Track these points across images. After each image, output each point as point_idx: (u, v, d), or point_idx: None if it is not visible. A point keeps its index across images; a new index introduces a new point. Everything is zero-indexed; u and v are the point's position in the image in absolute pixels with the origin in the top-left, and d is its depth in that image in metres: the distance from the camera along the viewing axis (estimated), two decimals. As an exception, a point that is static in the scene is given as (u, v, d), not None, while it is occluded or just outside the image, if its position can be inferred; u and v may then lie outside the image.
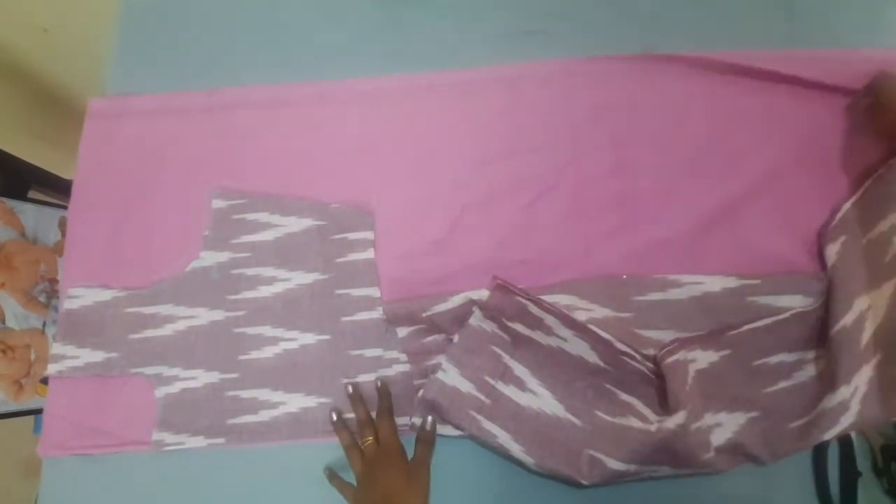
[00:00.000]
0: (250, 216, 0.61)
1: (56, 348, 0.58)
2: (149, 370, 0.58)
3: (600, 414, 0.53)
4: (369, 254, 0.59)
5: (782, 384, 0.53)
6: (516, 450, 0.52)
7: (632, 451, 0.50)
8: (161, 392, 0.57)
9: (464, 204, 0.60)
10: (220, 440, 0.56)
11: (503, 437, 0.52)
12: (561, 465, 0.51)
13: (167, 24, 0.70)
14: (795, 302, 0.54)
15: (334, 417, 0.54)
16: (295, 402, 0.57)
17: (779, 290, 0.54)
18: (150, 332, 0.59)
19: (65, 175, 1.05)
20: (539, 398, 0.54)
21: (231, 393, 0.57)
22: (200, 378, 0.58)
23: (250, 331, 0.58)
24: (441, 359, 0.53)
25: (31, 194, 0.99)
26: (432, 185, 0.61)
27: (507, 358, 0.54)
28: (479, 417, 0.52)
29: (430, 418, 0.53)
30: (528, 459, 0.51)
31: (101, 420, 0.57)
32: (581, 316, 0.55)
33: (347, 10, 0.69)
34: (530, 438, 0.52)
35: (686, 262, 0.57)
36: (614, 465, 0.50)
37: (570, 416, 0.53)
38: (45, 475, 0.58)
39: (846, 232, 0.54)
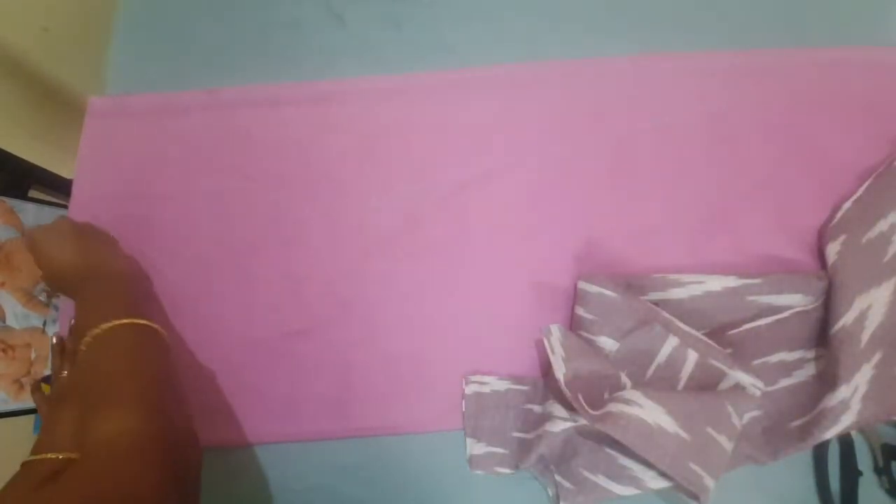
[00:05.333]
0: None
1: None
2: None
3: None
4: None
5: (783, 383, 0.53)
6: (667, 423, 0.45)
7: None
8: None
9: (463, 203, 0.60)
10: None
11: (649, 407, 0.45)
12: None
13: (167, 24, 0.70)
14: (796, 301, 0.53)
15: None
16: None
17: (779, 289, 0.54)
18: None
19: (65, 174, 1.05)
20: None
21: None
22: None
23: None
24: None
25: (32, 193, 0.99)
26: (432, 185, 0.61)
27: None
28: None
29: None
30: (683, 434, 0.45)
31: (102, 419, 0.57)
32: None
33: (347, 10, 0.69)
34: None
35: (687, 261, 0.57)
36: None
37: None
38: (46, 475, 0.58)
39: (846, 231, 0.54)
